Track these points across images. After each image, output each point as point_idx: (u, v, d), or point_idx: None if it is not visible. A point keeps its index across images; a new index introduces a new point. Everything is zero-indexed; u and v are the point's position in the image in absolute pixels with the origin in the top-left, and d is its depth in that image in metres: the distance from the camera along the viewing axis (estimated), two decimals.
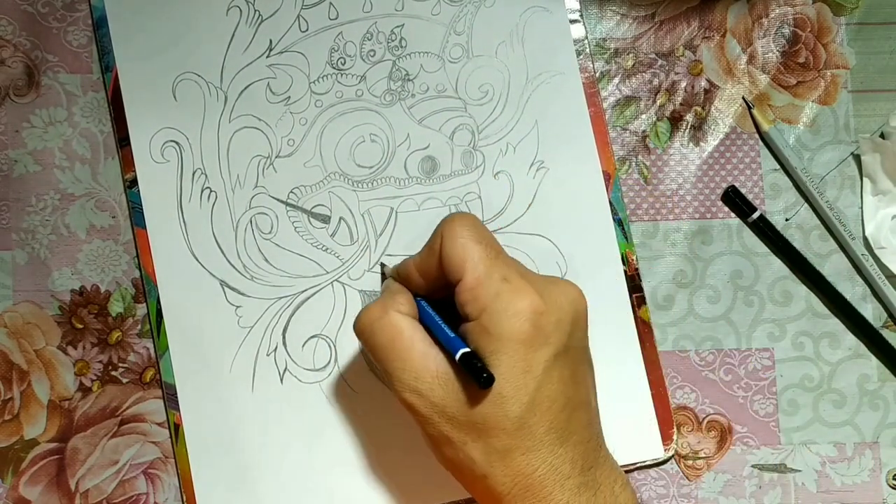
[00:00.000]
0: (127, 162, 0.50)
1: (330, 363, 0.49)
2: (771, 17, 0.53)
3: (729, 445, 0.50)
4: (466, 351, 0.38)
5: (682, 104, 0.52)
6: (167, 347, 0.49)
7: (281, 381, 0.49)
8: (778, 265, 0.51)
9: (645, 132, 0.52)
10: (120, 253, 0.50)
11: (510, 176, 0.51)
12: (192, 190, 0.50)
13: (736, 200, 0.51)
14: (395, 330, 0.41)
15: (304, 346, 0.49)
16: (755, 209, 0.51)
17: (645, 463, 0.49)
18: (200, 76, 0.50)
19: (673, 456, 0.50)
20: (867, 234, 0.51)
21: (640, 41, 0.52)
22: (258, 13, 0.50)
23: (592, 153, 0.51)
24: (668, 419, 0.50)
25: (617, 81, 0.52)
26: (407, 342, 0.40)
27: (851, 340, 0.51)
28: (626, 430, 0.49)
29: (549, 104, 0.51)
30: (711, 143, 0.52)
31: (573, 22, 0.52)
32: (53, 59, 0.50)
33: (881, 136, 0.52)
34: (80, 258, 0.50)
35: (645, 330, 0.50)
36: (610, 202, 0.51)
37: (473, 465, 0.39)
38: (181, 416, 0.48)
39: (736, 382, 0.51)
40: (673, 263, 0.51)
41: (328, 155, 0.50)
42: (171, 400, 0.49)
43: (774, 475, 0.50)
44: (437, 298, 0.43)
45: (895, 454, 0.50)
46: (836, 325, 0.51)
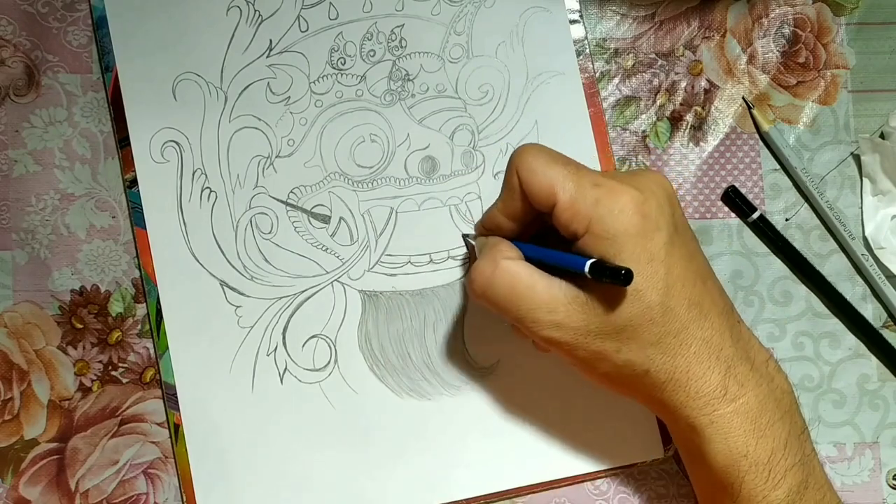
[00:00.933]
0: (127, 162, 0.50)
1: (330, 363, 0.49)
2: (771, 17, 0.53)
3: None
4: (594, 260, 0.39)
5: (682, 104, 0.52)
6: (167, 347, 0.49)
7: (281, 381, 0.49)
8: (778, 265, 0.51)
9: (645, 132, 0.52)
10: (120, 253, 0.50)
11: None
12: (192, 190, 0.50)
13: (736, 200, 0.51)
14: (511, 276, 0.41)
15: (303, 346, 0.49)
16: (755, 209, 0.51)
17: (645, 463, 0.49)
18: (200, 76, 0.50)
19: (673, 456, 0.50)
20: (867, 234, 0.51)
21: (640, 41, 0.52)
22: (258, 13, 0.50)
23: (592, 153, 0.51)
24: None
25: (617, 81, 0.52)
26: (528, 282, 0.41)
27: (851, 340, 0.51)
28: (626, 430, 0.49)
29: (549, 104, 0.51)
30: (711, 143, 0.52)
31: (573, 22, 0.52)
32: (53, 59, 0.50)
33: (881, 136, 0.52)
34: (80, 258, 0.50)
35: None
36: None
37: (633, 366, 0.40)
38: (181, 416, 0.48)
39: None
40: None
41: (328, 155, 0.50)
42: (171, 400, 0.49)
43: None
44: (530, 237, 0.44)
45: (895, 454, 0.50)
46: (836, 325, 0.51)
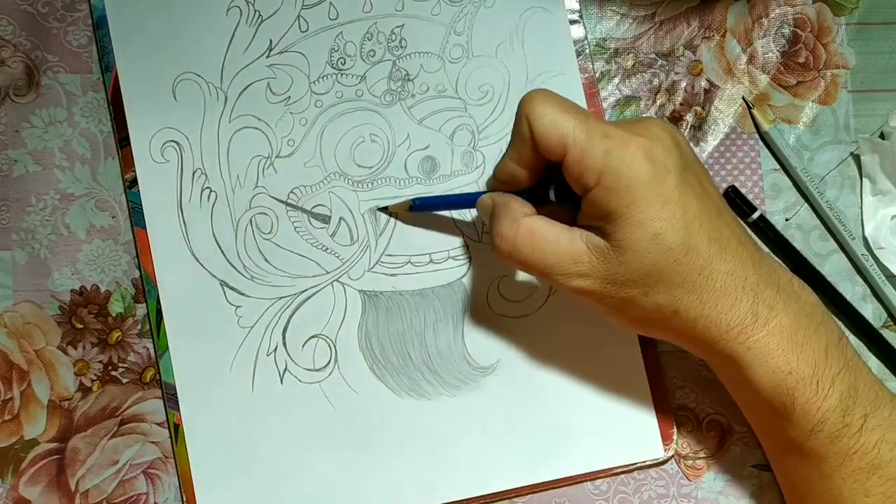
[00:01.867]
0: (127, 162, 0.50)
1: (330, 363, 0.49)
2: (771, 17, 0.53)
3: (729, 445, 0.50)
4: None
5: (682, 104, 0.52)
6: (167, 347, 0.49)
7: (281, 381, 0.49)
8: None
9: None
10: (120, 253, 0.50)
11: None
12: (192, 190, 0.50)
13: (736, 200, 0.51)
14: (532, 233, 0.42)
15: (304, 346, 0.49)
16: (755, 209, 0.51)
17: (645, 463, 0.49)
18: (200, 76, 0.50)
19: (673, 456, 0.50)
20: (867, 234, 0.51)
21: (640, 41, 0.52)
22: (258, 13, 0.50)
23: None
24: (668, 419, 0.50)
25: (617, 81, 0.52)
26: (549, 236, 0.41)
27: (851, 340, 0.51)
28: (626, 430, 0.49)
29: None
30: (711, 143, 0.52)
31: (573, 22, 0.52)
32: (53, 59, 0.50)
33: (881, 136, 0.52)
34: (80, 258, 0.50)
35: None
36: None
37: (662, 308, 0.41)
38: (181, 416, 0.48)
39: None
40: None
41: (328, 155, 0.50)
42: (171, 400, 0.49)
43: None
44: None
45: None
46: None
